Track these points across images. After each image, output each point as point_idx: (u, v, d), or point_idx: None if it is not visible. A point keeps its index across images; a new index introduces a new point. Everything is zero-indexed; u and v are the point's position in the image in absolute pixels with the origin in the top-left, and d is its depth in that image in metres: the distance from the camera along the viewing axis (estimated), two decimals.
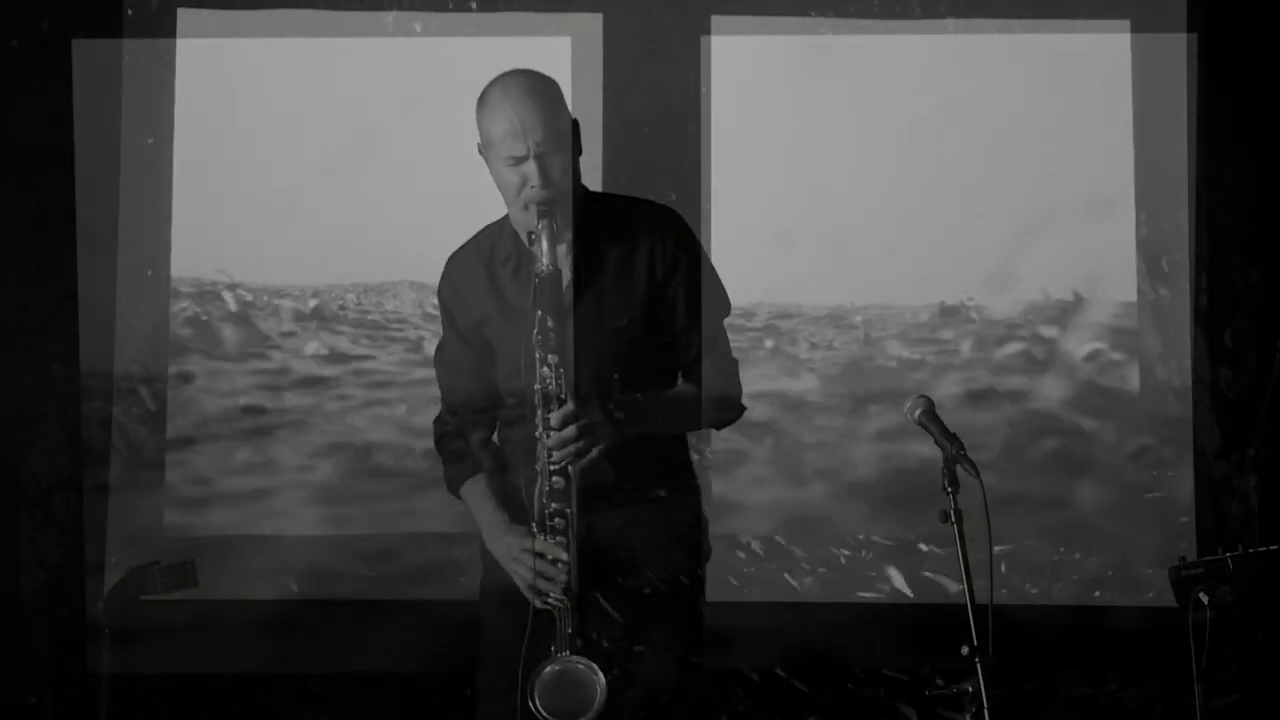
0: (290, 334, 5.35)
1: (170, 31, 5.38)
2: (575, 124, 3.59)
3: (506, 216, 3.65)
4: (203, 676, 5.16)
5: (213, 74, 5.39)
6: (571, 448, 3.41)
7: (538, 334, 3.42)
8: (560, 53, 5.35)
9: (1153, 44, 5.40)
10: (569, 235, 3.58)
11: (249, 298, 5.35)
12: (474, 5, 5.40)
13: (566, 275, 3.56)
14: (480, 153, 3.59)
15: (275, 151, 5.36)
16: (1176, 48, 5.38)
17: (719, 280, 3.70)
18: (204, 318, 5.34)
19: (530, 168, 3.49)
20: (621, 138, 5.37)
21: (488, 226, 3.72)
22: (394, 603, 5.28)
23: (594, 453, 3.43)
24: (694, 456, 3.79)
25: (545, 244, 3.44)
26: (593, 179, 5.25)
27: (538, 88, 3.56)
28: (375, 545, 5.30)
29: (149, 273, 5.35)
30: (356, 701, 5.26)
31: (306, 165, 5.35)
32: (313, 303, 5.34)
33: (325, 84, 5.38)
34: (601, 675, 3.39)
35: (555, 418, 3.42)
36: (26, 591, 5.14)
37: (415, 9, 5.42)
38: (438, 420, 3.78)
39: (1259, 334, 5.06)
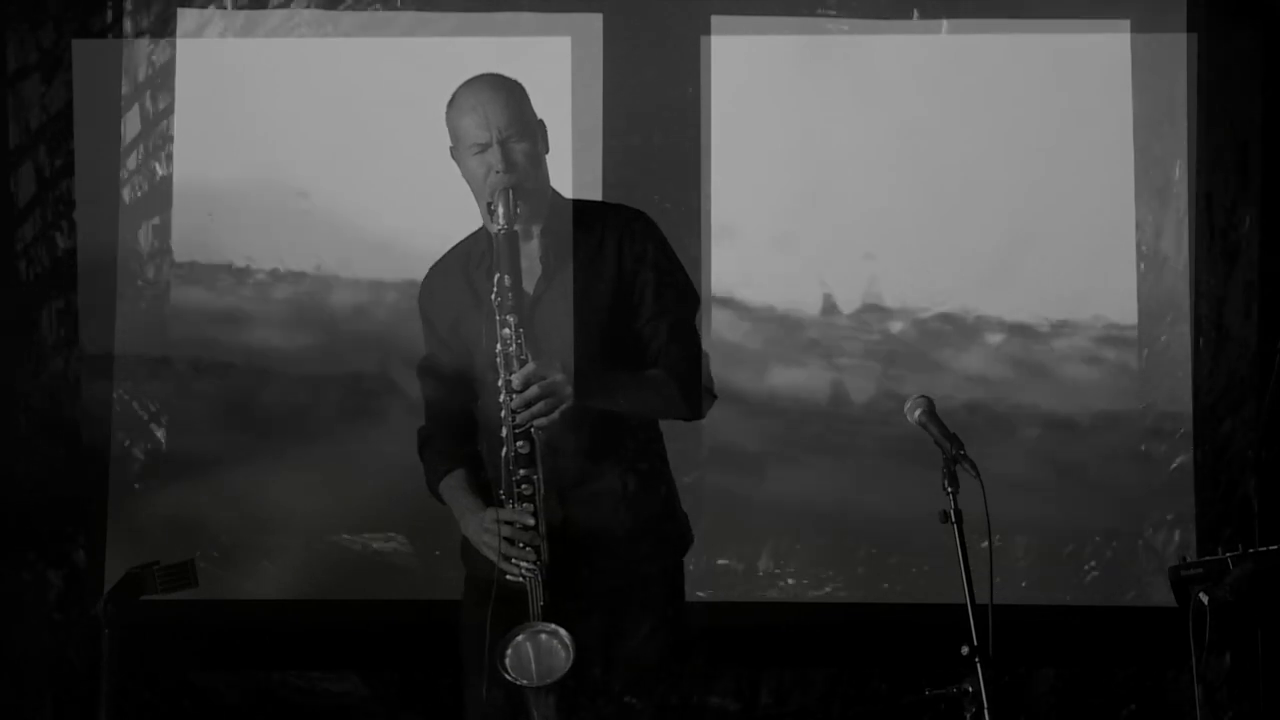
0: (290, 333, 5.35)
1: (170, 31, 5.38)
2: (541, 123, 3.66)
3: (482, 226, 3.70)
4: (203, 676, 5.16)
5: (213, 74, 5.39)
6: (534, 408, 3.40)
7: (496, 295, 3.44)
8: (560, 53, 5.35)
9: (1153, 44, 5.40)
10: (537, 228, 3.62)
11: (249, 296, 5.35)
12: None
13: (537, 266, 3.60)
14: (453, 157, 3.66)
15: (275, 151, 5.36)
16: (1176, 48, 5.38)
17: (687, 276, 3.74)
18: (204, 316, 5.34)
19: (494, 154, 3.55)
20: (621, 138, 5.37)
21: (465, 237, 3.78)
22: (391, 603, 5.28)
23: (556, 414, 3.41)
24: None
25: (502, 208, 3.49)
26: (592, 179, 5.27)
27: (501, 82, 3.66)
28: (374, 546, 5.30)
29: (149, 272, 5.35)
30: (355, 700, 5.26)
31: (307, 165, 5.35)
32: (313, 302, 5.35)
33: (325, 84, 5.38)
34: (566, 634, 3.37)
35: (517, 378, 3.41)
36: (26, 591, 5.14)
37: (416, 9, 5.42)
38: (420, 429, 3.82)
39: (1259, 334, 5.06)
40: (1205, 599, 3.67)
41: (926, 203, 5.37)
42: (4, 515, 5.15)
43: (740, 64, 5.41)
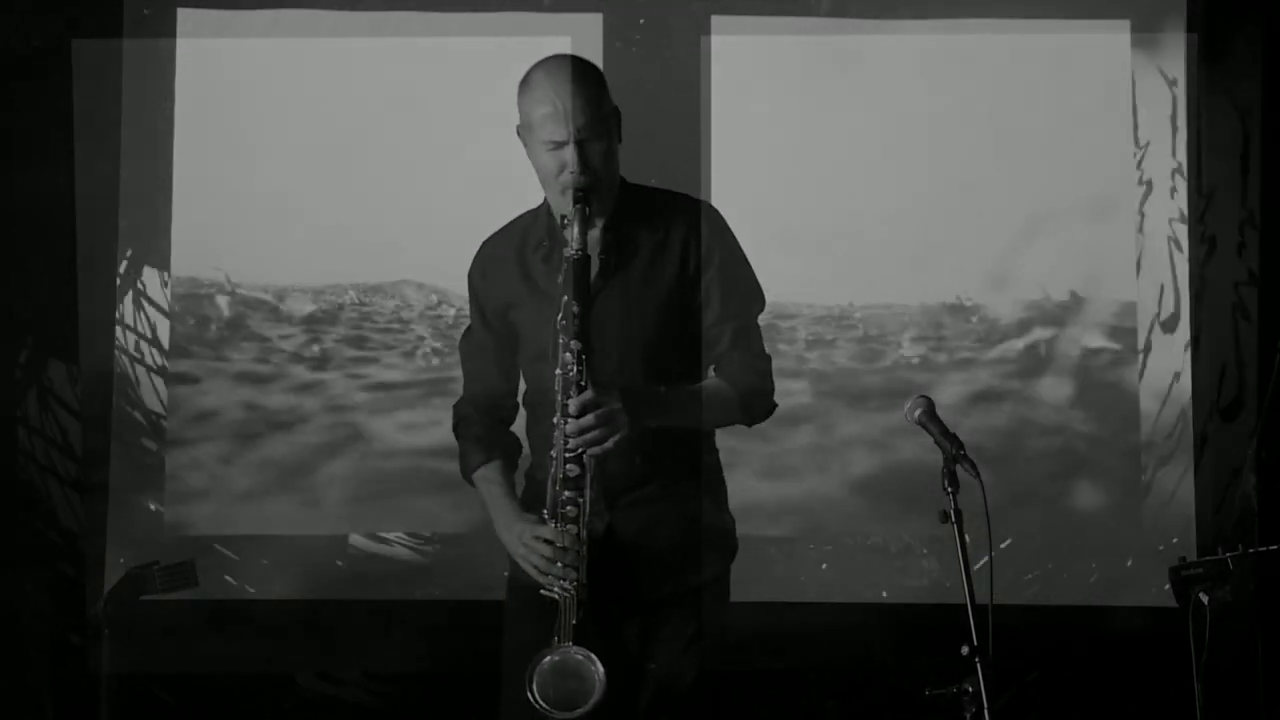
0: (289, 333, 5.35)
1: (170, 31, 5.38)
2: (616, 111, 3.54)
3: (544, 204, 3.58)
4: (203, 676, 5.16)
5: (213, 74, 5.39)
6: (589, 435, 3.33)
7: (562, 319, 3.36)
8: (560, 53, 5.34)
9: (1153, 44, 5.40)
10: (601, 221, 3.52)
11: (249, 297, 5.34)
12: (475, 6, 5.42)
13: (596, 262, 3.49)
14: (519, 135, 3.52)
15: (275, 151, 5.36)
16: (1176, 48, 5.38)
17: (754, 275, 3.64)
18: (204, 317, 5.34)
19: (569, 153, 3.43)
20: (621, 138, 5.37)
21: (525, 213, 3.65)
22: (391, 603, 5.28)
23: (610, 443, 3.34)
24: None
25: (577, 229, 3.38)
26: None
27: (582, 74, 3.51)
28: (373, 545, 5.30)
29: (149, 272, 5.35)
30: (355, 701, 5.26)
31: (306, 165, 5.34)
32: (312, 303, 5.34)
33: (325, 84, 5.38)
34: (600, 665, 3.32)
35: (574, 404, 3.33)
36: (27, 591, 5.13)
37: (416, 9, 5.41)
38: (457, 405, 3.73)
39: (1259, 333, 5.06)
40: (1205, 599, 3.66)
41: (926, 202, 5.37)
42: (4, 514, 5.15)
43: (740, 64, 5.41)
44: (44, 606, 5.01)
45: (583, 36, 5.36)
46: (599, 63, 5.28)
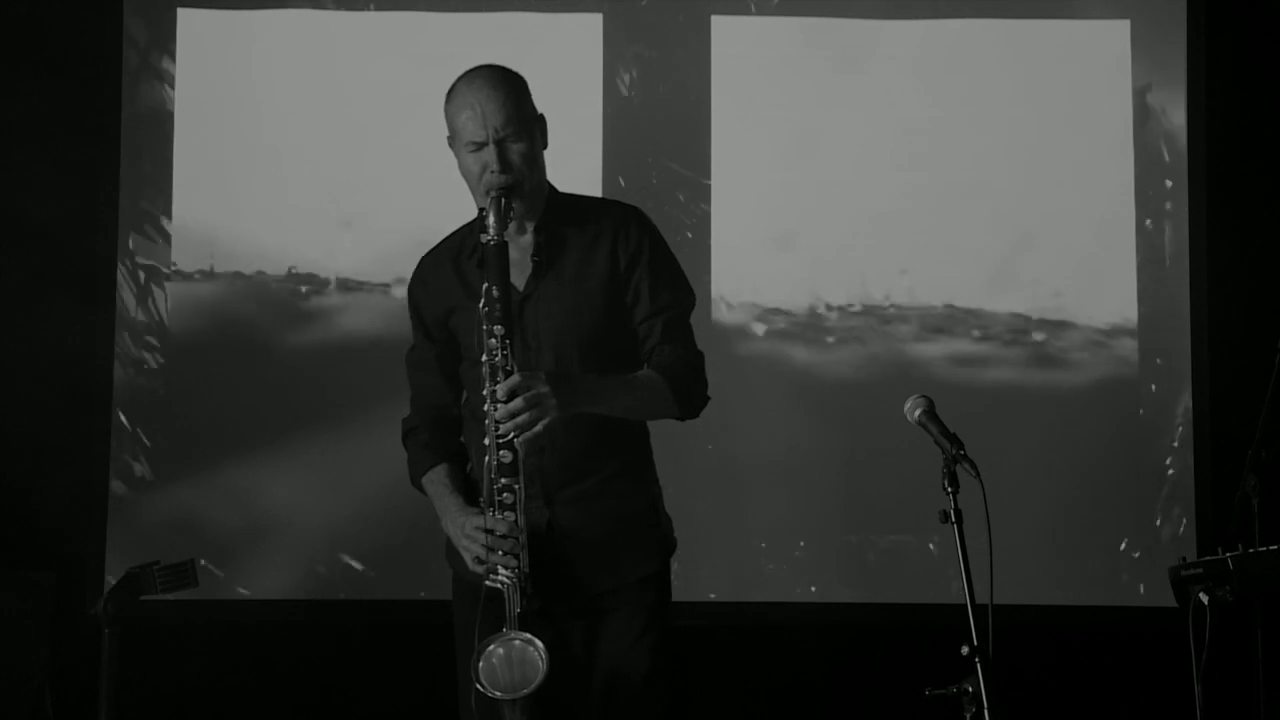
0: (291, 330, 5.35)
1: (170, 31, 5.39)
2: (541, 118, 3.62)
3: (478, 214, 3.65)
4: (203, 676, 5.16)
5: (213, 73, 5.39)
6: (518, 419, 3.37)
7: (484, 305, 3.42)
8: (559, 53, 5.36)
9: (1153, 44, 5.40)
10: (531, 225, 3.60)
11: (249, 293, 5.35)
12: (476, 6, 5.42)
13: (528, 264, 3.57)
14: (450, 146, 3.62)
15: (275, 150, 5.37)
16: (1176, 48, 5.39)
17: (683, 272, 3.71)
18: (203, 314, 5.34)
19: (489, 153, 3.52)
20: (621, 139, 5.37)
21: (462, 226, 3.74)
22: (391, 602, 5.29)
23: (539, 426, 3.38)
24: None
25: (493, 218, 3.46)
26: (592, 181, 5.28)
27: (500, 78, 3.59)
28: (372, 544, 5.31)
29: (150, 267, 5.35)
30: (355, 699, 5.27)
31: (306, 164, 5.36)
32: (315, 298, 5.35)
33: (324, 85, 5.39)
34: (541, 645, 3.35)
35: (501, 389, 3.38)
36: (27, 591, 5.14)
37: (416, 9, 5.42)
38: (405, 419, 3.81)
39: (1259, 333, 5.06)
40: (1205, 599, 3.66)
41: (927, 203, 5.37)
42: (4, 515, 5.16)
43: (740, 65, 5.42)
44: (44, 606, 5.01)
45: (583, 36, 5.37)
46: (599, 63, 5.36)
